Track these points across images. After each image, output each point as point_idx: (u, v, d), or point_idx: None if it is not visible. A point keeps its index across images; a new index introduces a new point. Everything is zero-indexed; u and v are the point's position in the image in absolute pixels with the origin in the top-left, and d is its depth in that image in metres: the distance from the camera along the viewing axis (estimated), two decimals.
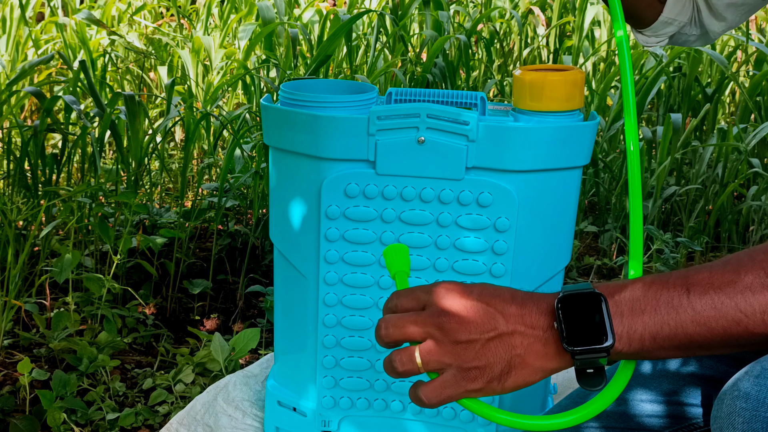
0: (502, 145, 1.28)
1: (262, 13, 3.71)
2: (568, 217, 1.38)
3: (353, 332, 1.43)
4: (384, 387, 1.45)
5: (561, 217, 1.37)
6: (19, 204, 2.34)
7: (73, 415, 1.90)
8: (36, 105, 4.24)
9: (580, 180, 1.37)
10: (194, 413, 1.71)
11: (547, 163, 1.30)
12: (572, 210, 1.37)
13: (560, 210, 1.36)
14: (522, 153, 1.29)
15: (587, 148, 1.34)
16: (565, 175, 1.33)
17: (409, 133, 1.29)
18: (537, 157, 1.29)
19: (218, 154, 3.67)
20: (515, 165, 1.29)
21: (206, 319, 2.57)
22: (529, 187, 1.32)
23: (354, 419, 1.49)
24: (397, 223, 1.34)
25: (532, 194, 1.32)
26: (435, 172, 1.30)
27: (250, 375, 1.84)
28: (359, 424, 1.49)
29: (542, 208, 1.34)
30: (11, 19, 4.24)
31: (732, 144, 3.13)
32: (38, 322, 2.20)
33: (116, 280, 2.45)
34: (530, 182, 1.31)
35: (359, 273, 1.39)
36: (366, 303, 1.40)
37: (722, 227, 3.16)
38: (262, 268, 2.87)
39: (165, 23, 5.15)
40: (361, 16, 4.04)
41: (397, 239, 1.33)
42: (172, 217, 2.87)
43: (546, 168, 1.31)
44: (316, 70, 3.30)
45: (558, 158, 1.31)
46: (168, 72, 4.07)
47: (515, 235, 1.33)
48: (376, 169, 1.31)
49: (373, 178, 1.32)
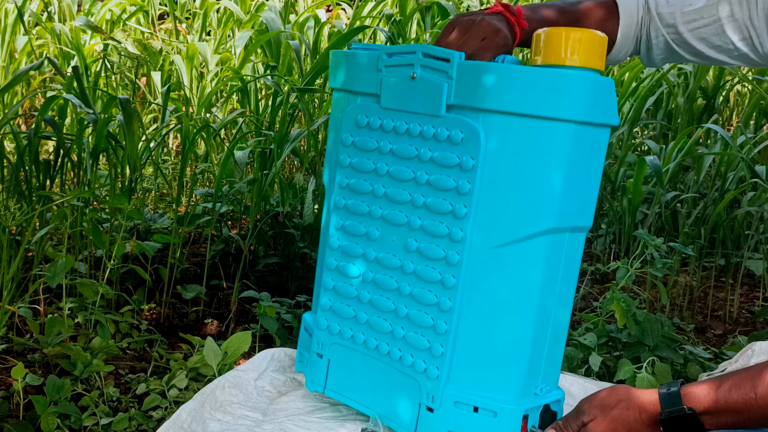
0: (477, 83, 1.31)
1: (268, 24, 3.73)
2: (555, 174, 1.30)
3: (348, 258, 1.49)
4: (364, 320, 1.48)
5: (543, 170, 1.30)
6: (13, 209, 2.34)
7: (67, 420, 1.89)
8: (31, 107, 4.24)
9: (577, 139, 1.30)
10: (180, 422, 1.70)
11: (523, 107, 1.27)
12: (561, 167, 1.29)
13: (542, 163, 1.30)
14: (494, 92, 1.30)
15: (581, 101, 1.27)
16: (549, 127, 1.27)
17: (407, 70, 1.39)
18: (511, 98, 1.28)
19: (212, 160, 3.67)
20: (487, 104, 1.30)
21: (201, 324, 2.57)
22: (503, 130, 1.31)
23: (339, 348, 1.53)
24: (389, 156, 1.42)
25: (507, 138, 1.31)
26: (421, 108, 1.37)
27: (242, 376, 1.83)
28: (341, 354, 1.54)
29: (518, 157, 1.30)
30: (5, 25, 4.24)
31: (731, 153, 3.13)
32: (32, 327, 2.20)
33: (110, 286, 2.45)
34: (505, 125, 1.30)
35: (359, 201, 1.46)
36: (359, 231, 1.47)
37: (717, 233, 3.16)
38: (255, 274, 2.87)
39: (161, 29, 5.16)
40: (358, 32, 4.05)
41: (387, 171, 1.42)
42: (165, 223, 2.87)
43: (520, 113, 1.28)
44: (314, 79, 3.31)
45: (537, 105, 1.27)
46: (162, 78, 4.07)
47: (480, 178, 1.32)
48: (380, 102, 1.42)
49: (377, 111, 1.42)
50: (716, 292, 3.22)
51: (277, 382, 1.96)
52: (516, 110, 1.29)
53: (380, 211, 1.43)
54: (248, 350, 2.20)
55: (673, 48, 1.51)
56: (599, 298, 2.91)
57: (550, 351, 1.38)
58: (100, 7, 4.87)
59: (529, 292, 1.33)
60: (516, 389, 1.35)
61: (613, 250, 3.29)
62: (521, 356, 1.34)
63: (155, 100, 4.12)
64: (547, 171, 1.30)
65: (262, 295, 2.36)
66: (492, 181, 1.33)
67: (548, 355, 1.38)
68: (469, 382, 1.38)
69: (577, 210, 1.34)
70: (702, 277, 3.20)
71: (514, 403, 1.33)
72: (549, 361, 1.38)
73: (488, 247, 1.35)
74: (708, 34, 1.46)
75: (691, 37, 1.48)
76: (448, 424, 1.40)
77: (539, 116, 1.27)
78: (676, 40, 1.49)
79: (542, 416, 1.35)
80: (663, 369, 2.15)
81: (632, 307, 2.21)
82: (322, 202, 3.08)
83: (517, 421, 1.34)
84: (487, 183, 1.33)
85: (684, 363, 2.28)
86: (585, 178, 1.33)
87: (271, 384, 1.94)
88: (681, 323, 2.83)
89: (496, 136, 1.31)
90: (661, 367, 2.16)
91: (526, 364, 1.34)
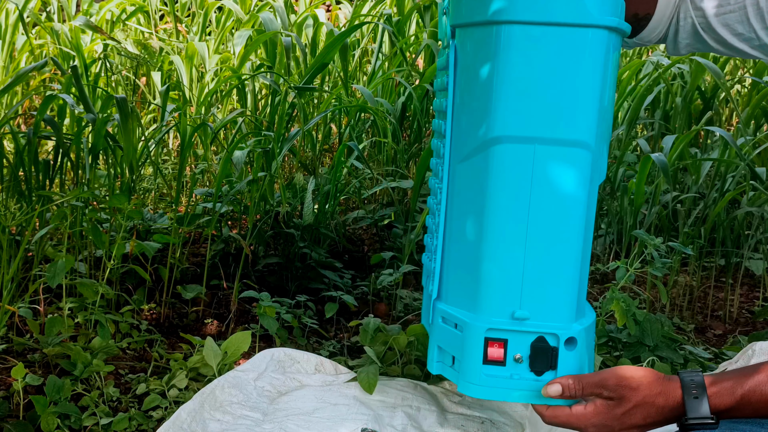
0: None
1: (266, 24, 3.72)
2: (497, 77, 1.27)
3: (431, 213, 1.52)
4: (427, 273, 1.50)
5: (488, 74, 1.28)
6: (13, 209, 2.34)
7: (67, 420, 1.89)
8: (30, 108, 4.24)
9: (521, 38, 1.25)
10: (180, 422, 1.70)
11: (472, 16, 1.30)
12: (500, 69, 1.26)
13: (487, 67, 1.28)
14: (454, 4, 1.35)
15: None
16: (490, 31, 1.27)
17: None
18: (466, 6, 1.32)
19: (211, 160, 3.67)
20: (459, 17, 1.34)
21: (201, 324, 2.56)
22: (460, 37, 1.34)
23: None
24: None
25: (464, 45, 1.33)
26: (441, 35, 1.44)
27: (241, 376, 1.84)
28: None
29: (474, 62, 1.30)
30: (6, 25, 4.24)
31: (731, 161, 3.13)
32: (32, 327, 2.20)
33: (110, 286, 2.45)
34: (462, 34, 1.34)
35: (438, 142, 1.47)
36: (433, 185, 1.48)
37: (717, 233, 3.16)
38: (255, 274, 2.87)
39: (160, 29, 5.16)
40: (357, 29, 4.05)
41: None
42: (165, 223, 2.87)
43: (470, 22, 1.31)
44: (311, 78, 3.31)
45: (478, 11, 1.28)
46: (161, 78, 4.07)
47: (452, 94, 1.35)
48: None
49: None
50: (716, 292, 3.22)
51: (277, 382, 1.96)
52: (467, 21, 1.33)
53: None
54: (248, 350, 2.20)
55: (699, 33, 1.48)
56: (599, 298, 2.91)
57: (533, 275, 1.30)
58: (98, 8, 4.86)
59: (492, 208, 1.29)
60: (483, 306, 1.32)
61: (614, 249, 3.29)
62: (490, 274, 1.31)
63: (155, 100, 4.12)
64: (491, 75, 1.28)
65: (262, 295, 2.36)
66: (459, 94, 1.34)
67: (529, 279, 1.30)
68: (452, 298, 1.38)
69: (540, 118, 1.26)
70: (702, 277, 3.21)
71: (478, 320, 1.31)
72: (532, 286, 1.30)
73: (456, 161, 1.35)
74: (732, 21, 1.45)
75: (716, 22, 1.46)
76: (437, 340, 1.40)
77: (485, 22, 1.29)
78: (702, 24, 1.47)
79: (535, 347, 1.31)
80: (663, 369, 2.15)
81: (632, 307, 2.21)
82: (321, 203, 3.08)
83: (478, 337, 1.31)
84: (458, 98, 1.34)
85: (684, 363, 2.28)
86: (546, 83, 1.26)
87: (270, 384, 1.94)
88: (681, 323, 2.83)
89: (461, 47, 1.34)
90: (661, 368, 2.16)
91: (495, 282, 1.31)
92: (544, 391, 1.30)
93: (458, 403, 2.01)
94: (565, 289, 1.31)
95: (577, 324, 1.32)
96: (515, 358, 1.31)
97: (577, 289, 1.32)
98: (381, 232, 3.35)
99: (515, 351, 1.31)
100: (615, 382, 1.26)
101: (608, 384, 1.26)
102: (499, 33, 1.26)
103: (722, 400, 1.22)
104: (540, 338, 1.30)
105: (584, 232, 1.31)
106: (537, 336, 1.30)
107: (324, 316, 2.61)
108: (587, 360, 1.36)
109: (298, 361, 2.07)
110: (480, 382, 1.32)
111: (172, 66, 4.16)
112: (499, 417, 1.97)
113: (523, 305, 1.30)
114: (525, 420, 1.96)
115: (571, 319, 1.32)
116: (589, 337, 1.37)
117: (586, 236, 1.31)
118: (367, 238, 3.42)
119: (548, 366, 1.30)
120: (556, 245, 1.29)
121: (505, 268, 1.30)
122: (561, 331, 1.30)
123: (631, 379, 1.26)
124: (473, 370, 1.32)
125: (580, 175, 1.28)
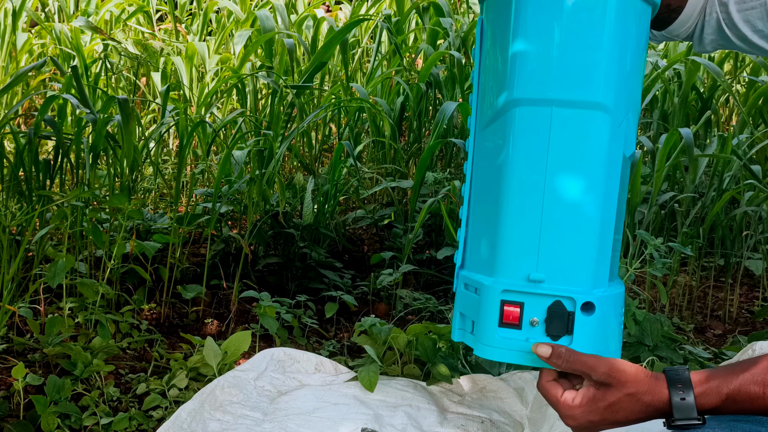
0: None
1: (262, 22, 3.72)
2: (511, 41, 1.30)
3: None
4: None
5: (504, 38, 1.31)
6: (13, 209, 2.34)
7: (67, 419, 1.90)
8: (30, 108, 4.24)
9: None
10: (180, 422, 1.70)
11: None
12: (512, 33, 1.31)
13: (503, 29, 1.31)
14: None
15: None
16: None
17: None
18: None
19: (211, 160, 3.67)
20: None
21: (201, 324, 2.57)
22: (497, 2, 1.35)
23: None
24: None
25: (489, 11, 1.37)
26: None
27: (241, 376, 1.84)
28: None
29: (493, 27, 1.34)
30: (4, 26, 4.24)
31: (727, 156, 3.14)
32: (32, 327, 2.20)
33: (110, 286, 2.45)
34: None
35: None
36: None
37: (716, 233, 3.17)
38: (255, 274, 2.88)
39: (160, 29, 5.16)
40: (355, 25, 4.06)
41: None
42: (166, 223, 2.87)
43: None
44: (310, 77, 3.31)
45: None
46: (162, 78, 4.07)
47: (477, 69, 1.38)
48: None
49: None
50: (716, 292, 3.23)
51: (277, 382, 1.96)
52: None
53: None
54: (248, 350, 2.21)
55: (723, 29, 1.48)
56: None
57: (549, 238, 1.30)
58: (95, 6, 4.86)
59: (510, 170, 1.30)
60: (499, 268, 1.32)
61: None
62: (507, 236, 1.31)
63: (155, 100, 4.12)
64: (509, 37, 1.29)
65: (262, 295, 2.36)
66: (484, 62, 1.36)
67: (546, 242, 1.30)
68: (474, 264, 1.39)
69: (556, 79, 1.27)
70: (701, 277, 3.21)
71: (495, 282, 1.31)
72: (548, 249, 1.30)
73: (480, 127, 1.37)
74: (753, 17, 1.45)
75: (738, 18, 1.47)
76: (459, 306, 1.41)
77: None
78: (726, 20, 1.47)
79: (551, 310, 1.30)
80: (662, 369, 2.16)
81: (632, 307, 2.21)
82: (321, 203, 3.08)
83: (494, 298, 1.31)
84: (483, 66, 1.37)
85: (684, 363, 2.28)
86: (561, 43, 1.27)
87: (271, 384, 1.94)
88: (680, 323, 2.83)
89: (486, 17, 1.37)
90: (661, 367, 2.16)
91: (512, 243, 1.31)
92: (534, 347, 1.28)
93: (458, 403, 2.01)
94: (583, 253, 1.30)
95: (597, 290, 1.31)
96: (531, 321, 1.30)
97: (596, 254, 1.31)
98: (381, 232, 3.35)
99: (531, 315, 1.31)
100: (605, 370, 1.25)
101: (598, 369, 1.26)
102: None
103: (708, 400, 1.23)
104: (557, 302, 1.29)
105: (603, 198, 1.30)
106: (554, 300, 1.30)
107: (324, 316, 2.61)
108: (612, 334, 1.35)
109: (298, 360, 2.07)
110: (495, 344, 1.32)
111: (173, 66, 4.17)
112: (499, 417, 1.97)
113: (540, 268, 1.30)
114: (525, 420, 1.96)
115: (589, 285, 1.30)
116: (615, 308, 1.36)
117: (605, 203, 1.30)
118: (367, 238, 3.42)
119: (564, 331, 1.29)
120: (572, 208, 1.29)
121: (521, 230, 1.30)
122: (578, 296, 1.28)
123: (621, 372, 1.26)
124: (489, 333, 1.32)
125: (597, 138, 1.27)
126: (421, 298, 2.73)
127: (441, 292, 2.95)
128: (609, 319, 1.34)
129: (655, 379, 1.26)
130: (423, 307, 2.68)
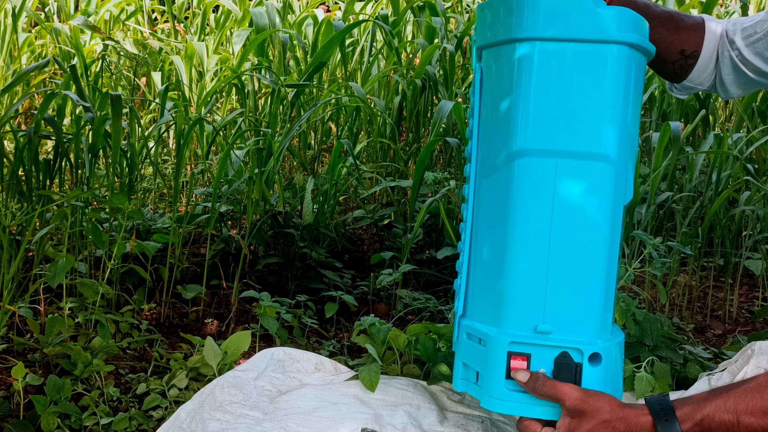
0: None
1: (256, 19, 3.72)
2: (515, 97, 1.30)
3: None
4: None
5: (508, 94, 1.31)
6: (13, 209, 2.34)
7: (67, 419, 1.90)
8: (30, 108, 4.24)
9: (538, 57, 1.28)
10: (179, 422, 1.70)
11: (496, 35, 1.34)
12: (516, 89, 1.30)
13: (508, 86, 1.32)
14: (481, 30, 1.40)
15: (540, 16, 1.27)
16: (513, 48, 1.30)
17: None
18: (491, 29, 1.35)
19: (212, 160, 3.67)
20: (484, 38, 1.39)
21: (201, 324, 2.57)
22: (485, 58, 1.37)
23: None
24: None
25: (489, 67, 1.37)
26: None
27: (241, 376, 1.83)
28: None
29: (496, 81, 1.35)
30: (4, 25, 4.24)
31: (725, 152, 3.14)
32: (32, 327, 2.20)
33: (110, 286, 2.45)
34: (486, 55, 1.38)
35: None
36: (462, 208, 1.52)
37: (715, 233, 3.17)
38: (255, 274, 2.88)
39: (159, 29, 5.16)
40: (355, 26, 4.05)
41: None
42: (166, 222, 2.87)
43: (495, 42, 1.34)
44: (310, 76, 3.31)
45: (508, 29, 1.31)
46: (161, 77, 4.07)
47: (477, 115, 1.38)
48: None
49: None
50: (715, 291, 3.23)
51: (277, 382, 1.96)
52: (490, 41, 1.36)
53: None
54: (248, 350, 2.20)
55: (738, 66, 1.51)
56: None
57: (555, 288, 1.29)
58: (95, 6, 4.86)
59: (515, 221, 1.29)
60: (506, 319, 1.31)
61: None
62: (513, 287, 1.30)
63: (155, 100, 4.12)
64: (513, 90, 1.30)
65: (262, 295, 2.36)
66: (485, 111, 1.37)
67: (552, 293, 1.30)
68: (477, 314, 1.38)
69: (561, 131, 1.27)
70: (701, 277, 3.21)
71: (501, 333, 1.31)
72: (555, 300, 1.29)
73: (482, 176, 1.37)
74: (762, 49, 1.47)
75: (748, 53, 1.48)
76: (462, 356, 1.40)
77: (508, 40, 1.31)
78: (738, 57, 1.50)
79: (558, 362, 1.30)
80: (662, 369, 2.16)
81: (631, 307, 2.21)
82: (320, 202, 3.08)
83: (501, 350, 1.30)
84: (483, 115, 1.36)
85: (684, 363, 2.28)
86: (566, 97, 1.28)
87: (270, 383, 1.94)
88: (680, 323, 2.83)
89: (486, 67, 1.38)
90: (661, 367, 2.16)
91: (518, 294, 1.30)
92: (513, 373, 1.30)
93: (458, 402, 2.01)
94: (590, 304, 1.30)
95: (602, 340, 1.31)
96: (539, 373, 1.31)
97: (602, 304, 1.31)
98: (381, 232, 3.35)
99: (539, 366, 1.30)
100: (578, 396, 1.27)
101: (572, 395, 1.27)
102: (520, 50, 1.28)
103: (685, 426, 1.25)
104: (564, 353, 1.29)
105: (608, 248, 1.30)
106: (561, 351, 1.29)
107: (324, 316, 2.61)
108: (615, 381, 1.35)
109: (298, 360, 2.07)
110: (503, 397, 1.31)
111: (172, 66, 4.17)
112: (500, 416, 1.97)
113: (547, 319, 1.29)
114: None
115: (595, 335, 1.31)
116: (618, 357, 1.36)
117: (610, 252, 1.30)
118: (366, 238, 3.42)
119: (572, 382, 1.29)
120: (579, 259, 1.28)
121: (527, 281, 1.29)
122: (585, 347, 1.29)
123: (594, 399, 1.27)
124: (496, 385, 1.31)
125: (602, 189, 1.28)
126: (421, 298, 2.72)
127: (441, 292, 2.95)
128: (613, 366, 1.34)
129: (630, 408, 1.27)
130: (423, 307, 2.68)
